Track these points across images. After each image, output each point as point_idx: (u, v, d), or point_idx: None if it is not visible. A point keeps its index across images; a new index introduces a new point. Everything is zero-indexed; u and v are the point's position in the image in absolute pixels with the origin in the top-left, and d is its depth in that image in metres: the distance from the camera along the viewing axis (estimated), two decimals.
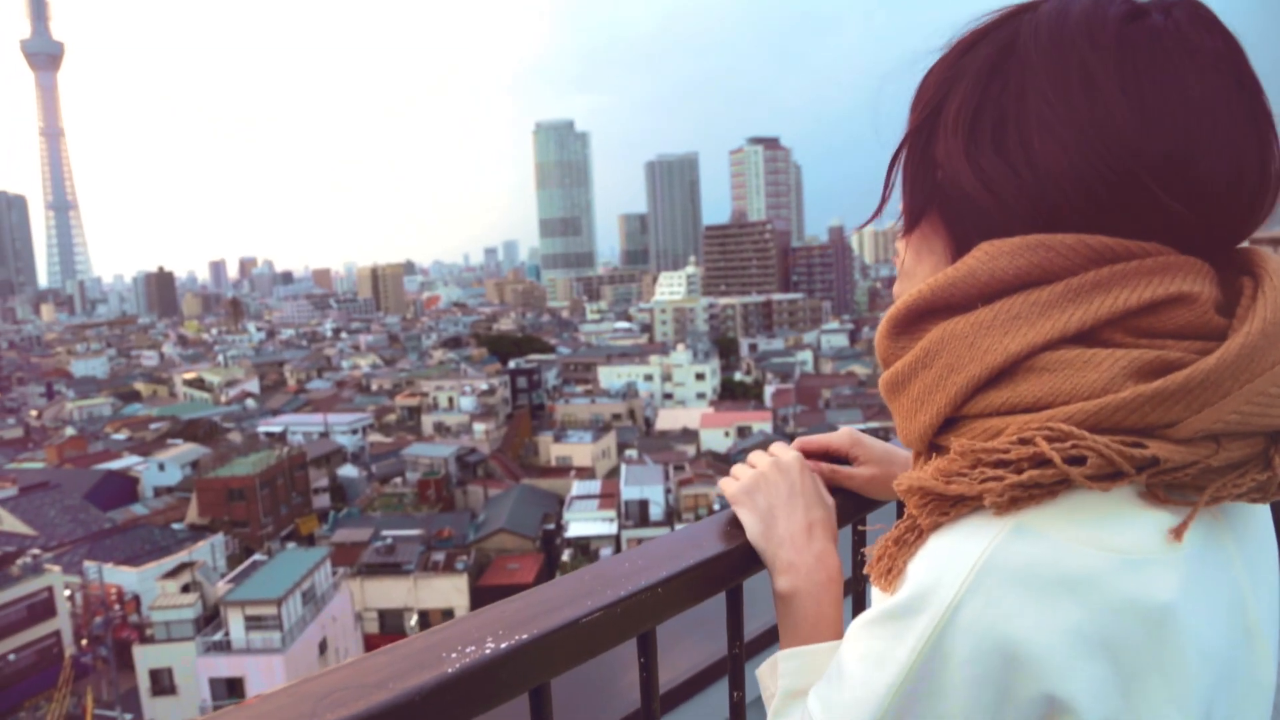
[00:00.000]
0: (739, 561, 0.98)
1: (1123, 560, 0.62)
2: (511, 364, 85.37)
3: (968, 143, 0.72)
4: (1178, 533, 0.64)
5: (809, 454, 1.10)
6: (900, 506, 1.29)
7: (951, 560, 0.64)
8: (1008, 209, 0.70)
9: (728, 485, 1.03)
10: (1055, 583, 0.61)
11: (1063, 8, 0.71)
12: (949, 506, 0.67)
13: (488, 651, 0.76)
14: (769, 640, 1.78)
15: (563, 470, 54.55)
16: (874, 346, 0.82)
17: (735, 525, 1.00)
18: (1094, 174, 0.66)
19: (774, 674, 0.91)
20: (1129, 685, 0.62)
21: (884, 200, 0.83)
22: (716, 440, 59.47)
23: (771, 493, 0.99)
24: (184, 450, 59.91)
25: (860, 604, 1.19)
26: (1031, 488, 0.63)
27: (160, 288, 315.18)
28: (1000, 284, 0.70)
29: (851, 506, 1.09)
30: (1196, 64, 0.67)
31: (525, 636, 0.79)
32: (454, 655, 0.75)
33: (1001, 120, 0.70)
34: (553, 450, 59.07)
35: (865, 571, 0.75)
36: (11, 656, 34.09)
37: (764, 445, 1.09)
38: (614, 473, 50.63)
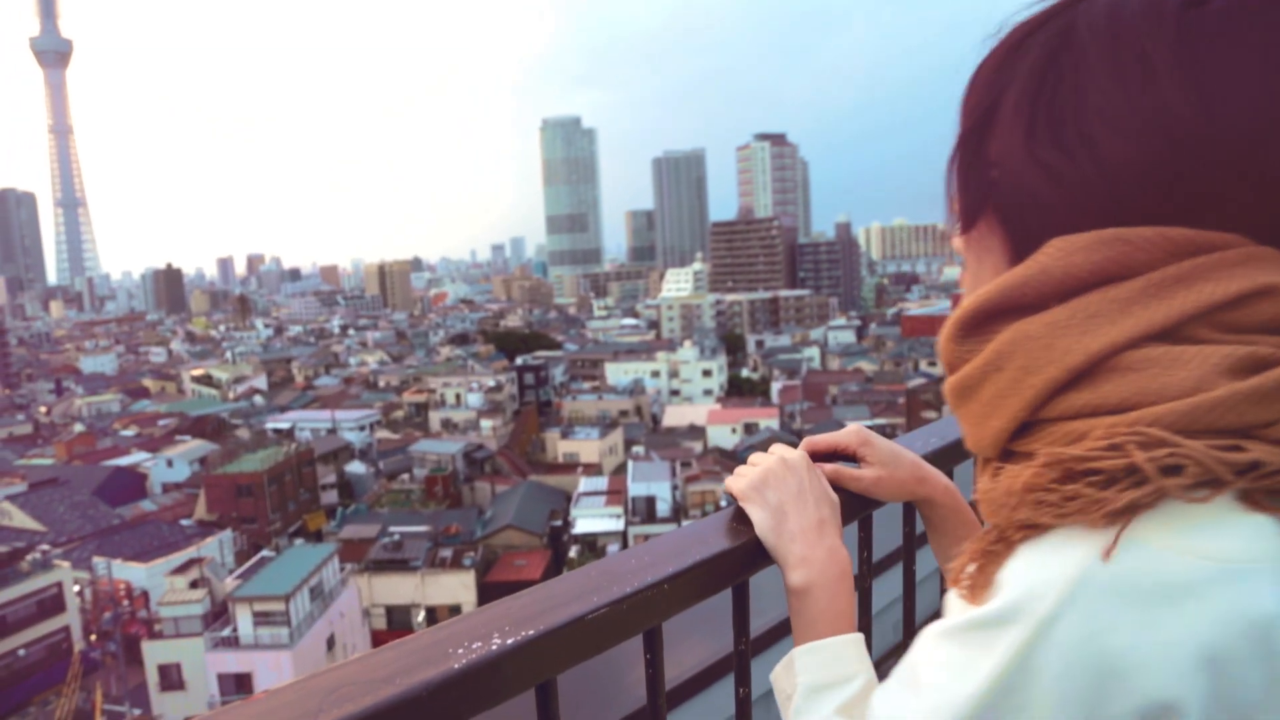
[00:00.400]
0: (745, 558, 0.98)
1: (1224, 569, 0.59)
2: (519, 360, 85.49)
3: (1027, 139, 0.70)
4: None
5: (817, 453, 1.10)
6: (908, 506, 1.31)
7: (1046, 572, 0.62)
8: (1074, 204, 0.68)
9: (735, 483, 1.03)
10: (1155, 594, 0.59)
11: None
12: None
13: (494, 647, 0.76)
14: (775, 637, 1.79)
15: (570, 467, 54.60)
16: (938, 351, 0.79)
17: (741, 521, 1.00)
18: (1162, 164, 0.65)
19: (791, 672, 0.89)
20: (1234, 700, 0.59)
21: (951, 205, 0.81)
22: (723, 437, 59.47)
23: (781, 489, 0.99)
24: (192, 446, 60.19)
25: (866, 602, 1.19)
26: (1129, 512, 0.61)
27: (169, 284, 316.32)
28: (1075, 281, 0.68)
29: (857, 505, 1.09)
30: (1262, 47, 0.64)
31: (531, 632, 0.79)
32: (460, 651, 0.75)
33: (1062, 114, 0.69)
34: (560, 447, 59.13)
35: (949, 583, 0.73)
36: (21, 652, 34.30)
37: (769, 443, 1.10)
38: (621, 469, 50.70)
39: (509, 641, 0.77)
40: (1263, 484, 0.61)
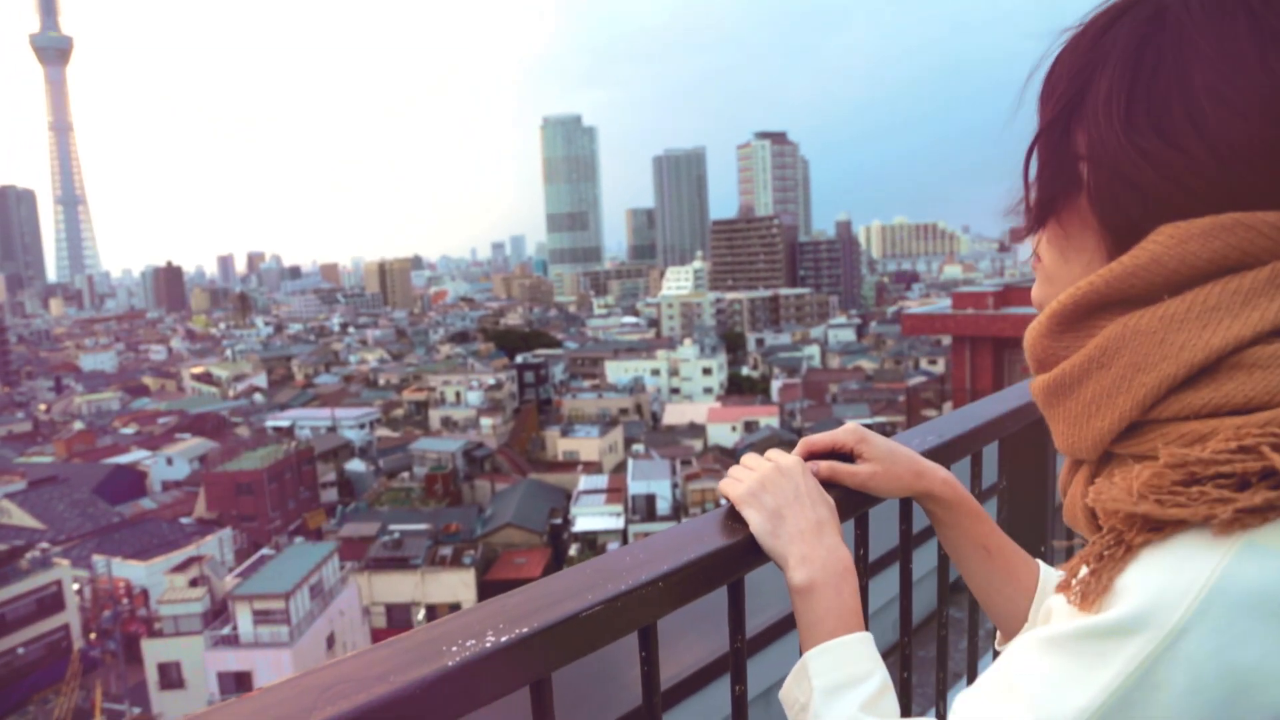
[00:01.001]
0: (740, 556, 0.98)
1: None
2: (519, 359, 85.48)
3: (1126, 126, 0.66)
4: None
5: (816, 452, 1.10)
6: (905, 502, 1.30)
7: (1175, 581, 0.58)
8: (1183, 189, 0.64)
9: (731, 488, 1.03)
10: None
11: None
12: (1164, 524, 0.61)
13: (488, 645, 0.76)
14: (771, 636, 1.78)
15: (570, 465, 54.62)
16: (1027, 347, 0.75)
17: (737, 520, 1.00)
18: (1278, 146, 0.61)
19: (804, 678, 0.86)
20: None
21: (1027, 205, 0.76)
22: (723, 435, 59.51)
23: (777, 493, 0.99)
24: (192, 444, 60.22)
25: (863, 600, 1.18)
26: (1266, 510, 0.57)
27: (168, 282, 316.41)
28: (1191, 271, 0.63)
29: (854, 503, 1.09)
30: None
31: (526, 630, 0.79)
32: (455, 649, 0.75)
33: (1166, 96, 0.64)
34: (560, 445, 59.15)
35: (1057, 590, 0.68)
36: (20, 650, 34.30)
37: (769, 442, 1.09)
38: (621, 467, 50.69)
39: (503, 639, 0.77)
40: None
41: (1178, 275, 0.64)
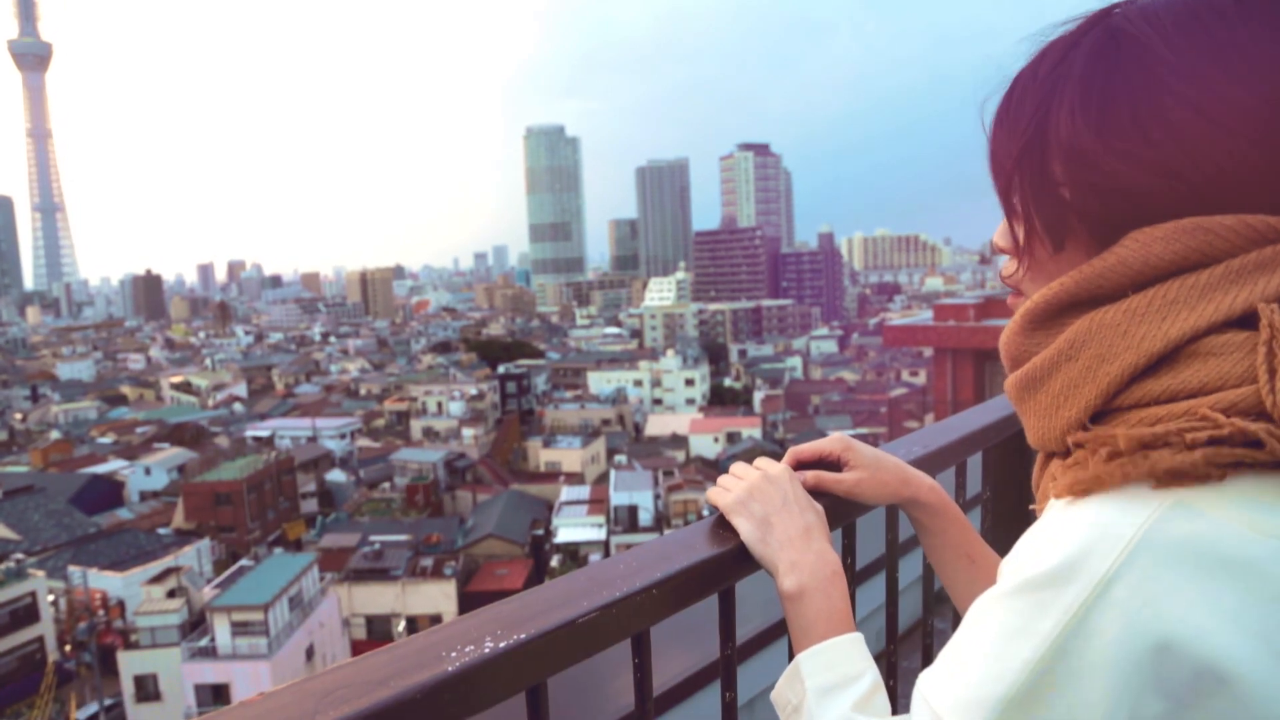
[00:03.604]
0: (731, 563, 0.99)
1: None
2: (501, 369, 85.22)
3: (1101, 143, 0.67)
4: None
5: (804, 461, 1.13)
6: (891, 511, 1.33)
7: (1106, 532, 0.61)
8: (1166, 197, 0.66)
9: (719, 496, 1.04)
10: (1215, 564, 0.59)
11: None
12: (1106, 482, 0.64)
13: (486, 650, 0.77)
14: (761, 643, 1.81)
15: (552, 476, 54.50)
16: (1002, 346, 0.77)
17: (727, 528, 1.01)
18: (1247, 149, 0.64)
19: (796, 680, 0.87)
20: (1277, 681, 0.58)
21: (1015, 241, 0.78)
22: (706, 446, 59.50)
23: (766, 501, 1.00)
24: (170, 454, 59.61)
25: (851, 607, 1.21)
26: (1206, 466, 0.60)
27: (147, 290, 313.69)
28: (1154, 271, 0.67)
29: (841, 512, 1.12)
30: None
31: (523, 636, 0.80)
32: (454, 654, 0.76)
33: (1135, 111, 0.66)
34: (542, 456, 59.00)
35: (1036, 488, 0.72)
36: None
37: (752, 453, 1.12)
38: (603, 478, 50.62)
39: (501, 645, 0.78)
40: None
41: (1142, 275, 0.67)
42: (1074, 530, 0.63)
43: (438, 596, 36.15)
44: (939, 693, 0.68)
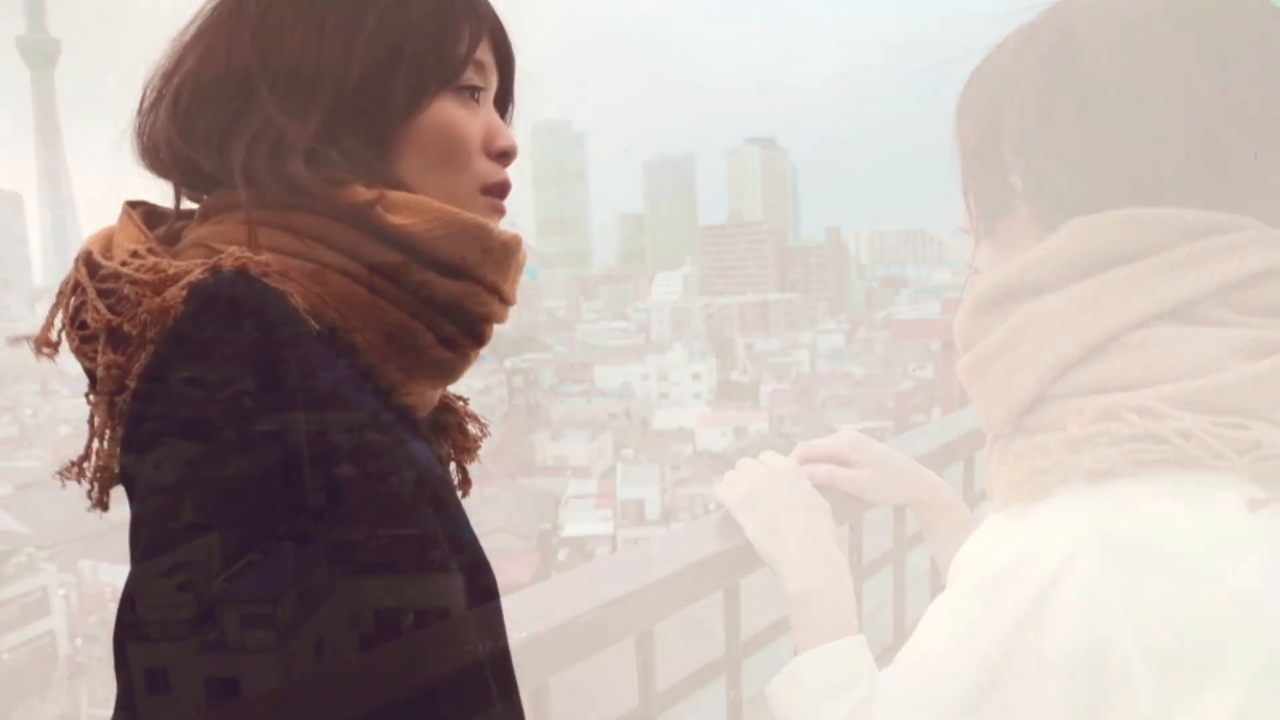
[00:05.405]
0: (736, 560, 0.98)
1: (1216, 542, 0.61)
2: (508, 363, 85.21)
3: (1045, 132, 0.70)
4: (1253, 507, 0.62)
5: (812, 458, 1.11)
6: (898, 508, 1.32)
7: (1048, 530, 0.63)
8: (1108, 188, 0.68)
9: (726, 493, 1.03)
10: (1147, 558, 0.60)
11: None
12: (1044, 483, 0.66)
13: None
14: (765, 640, 1.79)
15: (559, 470, 54.49)
16: (955, 329, 0.80)
17: (732, 524, 1.00)
18: (1185, 145, 0.65)
19: (794, 681, 0.88)
20: (1206, 664, 0.61)
21: (969, 211, 0.80)
22: (713, 440, 59.42)
23: (772, 498, 1.00)
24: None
25: (858, 603, 1.20)
26: (1131, 464, 0.62)
27: None
28: (1091, 260, 0.68)
29: (848, 508, 1.10)
30: (1275, 24, 0.65)
31: (525, 634, 0.79)
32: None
33: (1082, 104, 0.69)
34: (549, 449, 59.02)
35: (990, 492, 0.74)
36: (5, 656, 33.99)
37: (759, 447, 1.10)
38: (610, 472, 50.63)
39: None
40: (1266, 465, 0.62)
41: (1078, 265, 0.69)
42: (1016, 533, 0.65)
43: None
44: (895, 693, 0.71)
